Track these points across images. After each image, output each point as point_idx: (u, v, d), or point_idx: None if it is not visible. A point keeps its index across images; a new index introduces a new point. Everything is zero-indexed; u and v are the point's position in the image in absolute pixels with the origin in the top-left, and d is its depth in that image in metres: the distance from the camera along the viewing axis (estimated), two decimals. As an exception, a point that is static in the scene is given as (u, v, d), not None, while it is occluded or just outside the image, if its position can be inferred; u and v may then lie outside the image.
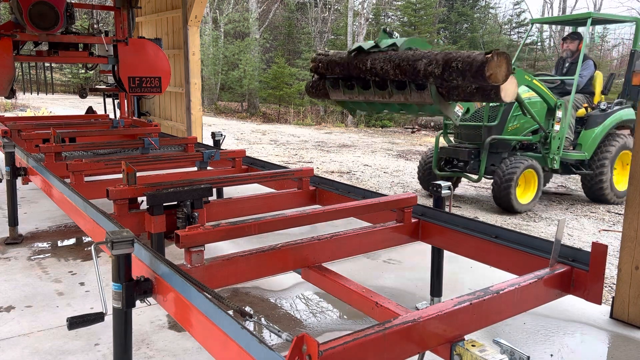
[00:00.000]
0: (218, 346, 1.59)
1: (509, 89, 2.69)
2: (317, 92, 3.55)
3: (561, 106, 6.54)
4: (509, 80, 2.61)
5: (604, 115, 7.14)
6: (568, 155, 6.90)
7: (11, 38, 5.89)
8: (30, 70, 7.30)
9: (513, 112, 6.70)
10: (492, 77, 2.46)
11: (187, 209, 2.94)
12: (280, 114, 22.70)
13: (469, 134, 6.99)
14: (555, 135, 6.61)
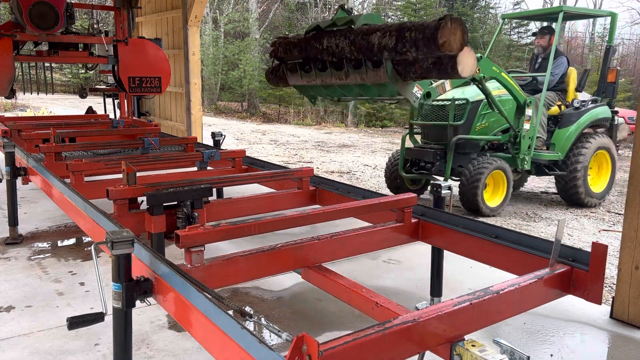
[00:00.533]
0: (218, 346, 1.58)
1: (466, 62, 2.56)
2: (276, 78, 3.50)
3: (531, 104, 6.28)
4: (467, 54, 2.51)
5: (578, 113, 6.87)
6: (540, 155, 6.63)
7: (11, 38, 5.89)
8: (30, 70, 7.30)
9: (481, 110, 6.45)
10: (446, 44, 2.37)
11: (187, 209, 2.94)
12: (280, 114, 22.70)
13: (435, 134, 6.69)
14: (525, 135, 6.34)
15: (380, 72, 2.77)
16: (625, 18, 58.46)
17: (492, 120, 6.55)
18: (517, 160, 6.44)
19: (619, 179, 9.46)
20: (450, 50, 2.43)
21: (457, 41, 2.40)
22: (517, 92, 6.13)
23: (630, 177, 3.15)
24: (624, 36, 35.05)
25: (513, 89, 6.08)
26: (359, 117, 20.48)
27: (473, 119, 6.45)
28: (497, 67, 5.82)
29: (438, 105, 6.54)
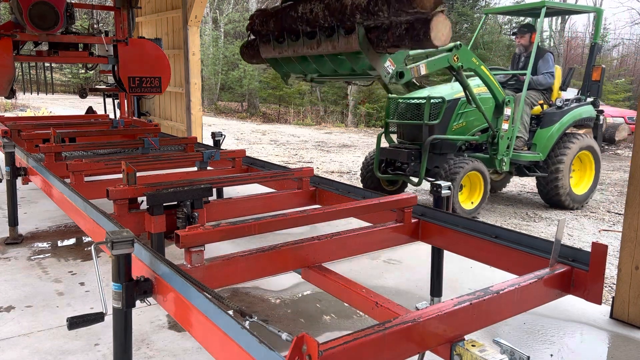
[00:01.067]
0: (218, 346, 1.59)
1: (440, 29, 2.49)
2: (250, 53, 3.46)
3: (509, 103, 6.00)
4: (441, 20, 2.44)
5: (560, 112, 6.63)
6: (520, 156, 6.37)
7: (11, 38, 5.89)
8: (30, 70, 7.30)
9: (458, 109, 6.22)
10: (418, 1, 2.31)
11: (187, 209, 2.94)
12: (280, 114, 22.70)
13: (411, 133, 6.42)
14: (503, 135, 6.06)
15: (352, 39, 2.70)
16: (625, 18, 58.52)
17: (470, 120, 6.33)
18: (494, 161, 6.18)
19: (618, 179, 9.45)
20: (423, 8, 2.35)
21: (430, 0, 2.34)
22: (497, 89, 5.88)
23: (630, 177, 3.15)
24: (624, 36, 35.05)
25: (492, 86, 5.82)
26: (358, 117, 20.47)
27: (450, 118, 6.22)
28: (477, 59, 5.59)
29: (413, 103, 6.31)
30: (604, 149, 7.35)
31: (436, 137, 6.07)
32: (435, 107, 6.17)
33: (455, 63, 5.33)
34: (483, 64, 5.66)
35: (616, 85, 20.73)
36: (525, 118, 6.47)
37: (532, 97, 6.60)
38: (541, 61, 6.66)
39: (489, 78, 5.76)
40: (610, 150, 13.94)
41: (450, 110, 6.19)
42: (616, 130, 14.35)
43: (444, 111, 6.12)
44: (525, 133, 6.49)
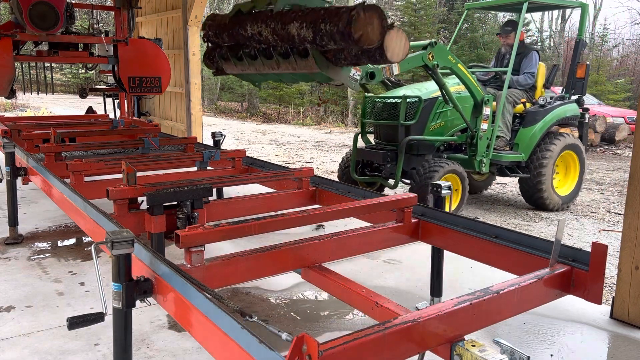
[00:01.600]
0: (218, 346, 1.59)
1: (395, 46, 2.41)
2: (212, 64, 3.41)
3: (489, 102, 5.77)
4: (394, 38, 2.36)
5: (543, 111, 6.39)
6: (502, 156, 6.14)
7: (11, 38, 5.89)
8: (30, 70, 7.30)
9: (436, 108, 6.00)
10: (364, 38, 2.22)
11: (187, 209, 2.94)
12: (280, 114, 22.70)
13: (387, 134, 6.18)
14: (482, 135, 5.84)
15: (309, 62, 2.66)
16: (625, 18, 58.51)
17: (448, 120, 6.11)
18: (473, 162, 5.96)
19: (619, 179, 9.46)
20: (370, 43, 2.28)
21: (375, 32, 2.26)
22: (475, 88, 5.66)
23: (630, 177, 3.15)
24: (624, 36, 35.07)
25: (470, 84, 5.61)
26: (359, 117, 20.47)
27: (427, 118, 6.00)
28: (453, 57, 5.37)
29: (389, 102, 6.09)
30: (589, 148, 7.12)
31: (412, 138, 5.86)
32: (411, 106, 5.95)
33: (430, 61, 5.16)
34: (460, 62, 5.47)
35: (616, 85, 20.74)
36: (508, 117, 6.28)
37: (515, 96, 6.41)
38: (525, 59, 6.47)
39: (467, 76, 5.58)
40: (610, 150, 13.95)
41: (427, 109, 5.98)
42: (616, 130, 14.37)
43: (421, 111, 5.91)
44: (507, 132, 6.31)
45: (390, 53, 2.42)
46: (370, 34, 2.24)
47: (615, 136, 14.39)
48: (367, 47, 2.31)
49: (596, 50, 25.11)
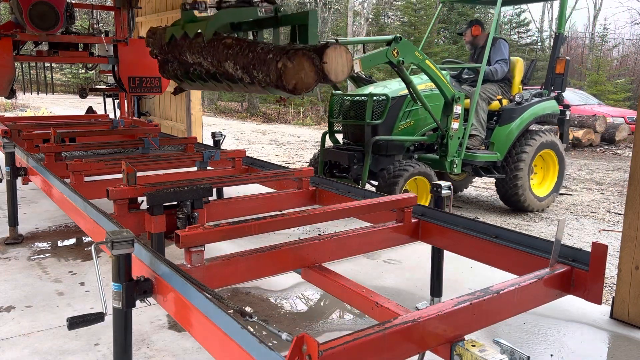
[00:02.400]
0: (218, 346, 1.59)
1: (335, 68, 2.36)
2: (167, 75, 3.41)
3: (459, 99, 5.48)
4: (333, 59, 2.32)
5: (520, 109, 6.11)
6: (476, 156, 5.87)
7: (11, 38, 5.89)
8: (30, 70, 7.31)
9: (405, 107, 5.73)
10: (299, 85, 2.21)
11: (187, 209, 2.94)
12: (280, 114, 22.70)
13: (355, 134, 5.91)
14: (453, 135, 5.57)
15: (258, 87, 2.67)
16: (625, 18, 58.50)
17: (419, 119, 5.84)
18: (444, 162, 5.71)
19: (619, 179, 9.46)
20: (307, 87, 2.25)
21: (309, 75, 2.23)
22: (445, 85, 5.41)
23: (630, 177, 3.15)
24: (624, 36, 35.06)
25: (440, 81, 5.35)
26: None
27: (395, 117, 5.72)
28: (420, 53, 5.12)
29: (356, 100, 5.81)
30: (569, 147, 6.83)
31: (379, 138, 5.57)
32: (378, 104, 5.66)
33: (394, 58, 4.92)
34: (428, 58, 5.25)
35: (616, 85, 20.74)
36: (482, 115, 6.02)
37: (489, 92, 6.16)
38: (493, 49, 6.20)
39: (436, 73, 5.32)
40: (610, 150, 13.95)
41: (395, 108, 5.71)
42: (616, 130, 14.38)
43: (389, 109, 5.63)
44: (482, 131, 6.06)
45: (335, 75, 2.40)
46: (304, 79, 2.22)
47: (615, 136, 14.40)
48: (304, 92, 2.30)
49: (596, 50, 25.10)
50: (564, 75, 6.42)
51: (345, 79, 2.61)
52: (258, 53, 2.42)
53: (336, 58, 2.38)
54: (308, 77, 2.24)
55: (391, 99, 5.64)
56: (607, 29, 27.94)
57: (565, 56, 6.48)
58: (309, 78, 2.25)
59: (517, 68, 6.41)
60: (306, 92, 2.33)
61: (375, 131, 5.65)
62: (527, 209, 6.31)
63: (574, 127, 14.19)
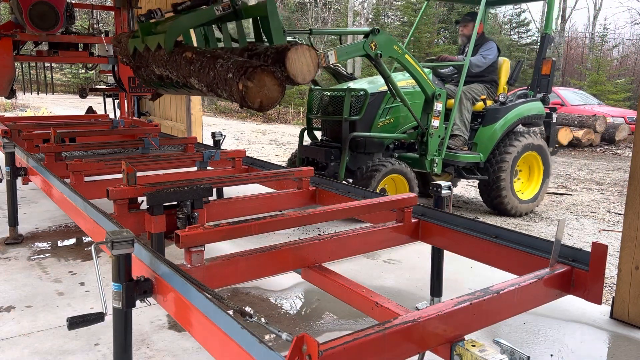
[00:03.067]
0: (218, 346, 1.59)
1: (300, 69, 2.36)
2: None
3: (440, 97, 5.32)
4: (295, 61, 2.33)
5: (504, 109, 5.94)
6: (457, 156, 5.71)
7: (11, 38, 5.89)
8: (30, 70, 7.31)
9: (384, 104, 5.54)
10: (264, 102, 2.24)
11: (187, 209, 2.94)
12: (280, 114, 22.70)
13: (332, 130, 5.72)
14: (433, 133, 5.40)
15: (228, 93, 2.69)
16: (625, 18, 58.53)
17: (399, 116, 5.66)
18: (424, 162, 5.52)
19: (619, 179, 9.46)
20: (273, 102, 2.27)
21: (272, 89, 2.25)
22: (425, 82, 5.24)
23: (630, 177, 3.15)
24: (624, 36, 35.08)
25: (420, 77, 5.17)
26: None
27: (374, 113, 5.52)
28: (399, 47, 4.94)
29: (334, 96, 5.64)
30: (555, 151, 6.63)
31: (356, 134, 5.38)
32: (357, 100, 5.46)
33: (372, 51, 4.73)
34: (408, 53, 5.04)
35: (616, 85, 20.74)
36: (466, 115, 5.87)
37: (474, 92, 6.00)
38: (482, 47, 6.10)
39: (416, 69, 5.13)
40: (610, 150, 13.95)
41: (374, 104, 5.51)
42: (616, 130, 14.38)
43: (367, 105, 5.44)
44: (466, 132, 5.91)
45: (301, 77, 2.40)
46: (268, 94, 2.22)
47: (615, 136, 14.40)
48: (272, 106, 2.31)
49: (596, 50, 25.11)
50: (550, 77, 6.29)
51: (313, 77, 2.60)
52: (218, 71, 2.42)
53: (299, 59, 2.36)
54: (272, 92, 2.23)
55: (370, 95, 5.47)
56: (607, 29, 27.96)
57: (552, 57, 6.40)
58: (273, 92, 2.24)
59: (503, 69, 6.28)
60: (273, 106, 2.33)
61: (353, 127, 5.48)
62: (510, 213, 6.13)
63: (574, 127, 14.20)
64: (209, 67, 2.53)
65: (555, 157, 12.43)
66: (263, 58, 2.63)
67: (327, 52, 4.38)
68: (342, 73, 6.23)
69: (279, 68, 2.39)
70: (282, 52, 2.35)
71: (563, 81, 25.19)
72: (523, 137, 6.05)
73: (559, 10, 29.08)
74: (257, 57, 2.68)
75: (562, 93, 16.22)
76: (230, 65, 2.39)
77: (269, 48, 2.67)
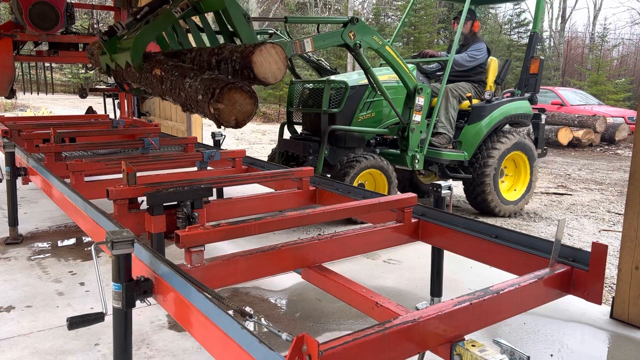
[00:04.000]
0: (218, 346, 1.59)
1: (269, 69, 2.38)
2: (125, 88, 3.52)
3: (422, 90, 5.18)
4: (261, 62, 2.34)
5: (489, 107, 5.78)
6: (441, 154, 5.58)
7: (11, 38, 5.90)
8: (30, 70, 7.31)
9: (365, 97, 5.41)
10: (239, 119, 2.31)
11: (187, 209, 2.94)
12: (280, 114, 22.69)
13: (312, 123, 5.59)
14: (414, 128, 5.23)
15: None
16: (625, 18, 58.54)
17: (380, 111, 5.53)
18: (405, 158, 5.36)
19: (619, 179, 9.46)
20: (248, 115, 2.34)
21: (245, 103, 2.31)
22: (407, 75, 5.10)
23: (630, 177, 3.15)
24: (624, 36, 35.08)
25: (401, 70, 5.04)
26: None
27: (355, 107, 5.40)
28: (379, 38, 4.79)
29: (314, 88, 5.52)
30: (544, 152, 6.43)
31: (335, 127, 5.25)
32: (337, 93, 5.34)
33: (350, 40, 4.58)
34: (389, 44, 4.88)
35: (616, 85, 20.75)
36: (452, 113, 5.75)
37: (460, 89, 5.87)
38: (471, 46, 6.02)
39: (397, 61, 4.96)
40: (611, 150, 13.95)
41: (355, 98, 5.38)
42: (616, 130, 14.39)
43: (347, 99, 5.31)
44: (451, 130, 5.78)
45: (272, 77, 2.44)
46: (242, 109, 2.28)
47: (615, 136, 14.41)
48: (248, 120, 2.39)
49: (596, 50, 25.12)
50: (538, 76, 6.16)
51: (284, 73, 2.60)
52: (188, 92, 2.43)
53: (266, 59, 2.36)
54: (245, 106, 2.26)
55: (350, 88, 5.34)
56: (607, 29, 27.95)
57: (540, 56, 6.28)
58: (246, 107, 2.27)
59: (491, 67, 6.15)
60: (250, 118, 2.36)
61: (332, 121, 5.33)
62: (495, 213, 5.96)
63: (574, 127, 14.21)
64: (178, 87, 2.54)
65: (557, 157, 12.43)
66: (231, 64, 2.65)
67: (302, 40, 4.27)
68: (325, 67, 6.14)
69: (247, 73, 2.40)
70: (247, 57, 2.34)
71: (563, 81, 25.21)
72: (509, 136, 5.93)
73: (559, 10, 29.09)
74: (224, 62, 2.70)
75: (562, 93, 16.23)
76: (198, 86, 2.39)
77: (234, 52, 2.67)
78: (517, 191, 6.22)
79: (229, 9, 3.17)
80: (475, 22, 6.08)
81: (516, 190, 6.23)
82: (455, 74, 5.93)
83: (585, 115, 14.36)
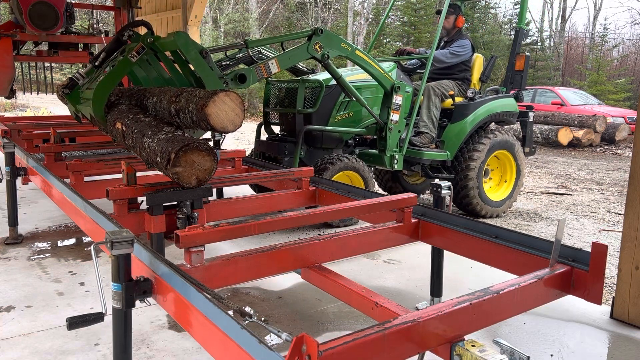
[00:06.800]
0: (218, 346, 1.58)
1: (228, 117, 2.41)
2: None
3: (399, 89, 5.06)
4: (216, 114, 2.39)
5: (473, 105, 5.64)
6: (422, 153, 5.45)
7: (11, 38, 5.90)
8: (30, 70, 7.31)
9: (342, 97, 5.28)
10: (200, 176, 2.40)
11: (187, 209, 2.94)
12: (280, 114, 22.70)
13: (288, 124, 5.45)
14: (392, 127, 5.12)
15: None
16: (625, 18, 58.57)
17: (358, 111, 5.42)
18: (384, 158, 5.23)
19: (619, 179, 9.46)
20: (209, 172, 2.40)
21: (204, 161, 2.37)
22: (381, 75, 4.98)
23: (631, 177, 3.15)
24: (624, 36, 35.09)
25: (375, 71, 4.92)
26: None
27: (331, 107, 5.27)
28: (347, 44, 4.65)
29: (289, 88, 5.40)
30: (533, 151, 6.27)
31: (311, 127, 5.13)
32: (312, 92, 5.21)
33: (317, 53, 4.47)
34: (358, 48, 4.75)
35: (616, 85, 20.75)
36: (434, 112, 5.62)
37: (443, 87, 5.73)
38: (454, 43, 5.87)
39: (369, 63, 4.86)
40: (611, 150, 13.95)
41: (331, 97, 5.25)
42: (616, 130, 14.38)
43: (323, 98, 5.17)
44: (433, 129, 5.65)
45: (232, 126, 2.47)
46: (202, 167, 2.32)
47: (615, 136, 14.41)
48: (209, 176, 2.45)
49: (596, 50, 25.12)
50: (523, 72, 5.98)
51: (243, 118, 2.64)
52: (147, 152, 2.50)
53: (222, 108, 2.37)
54: (204, 164, 2.29)
55: (325, 87, 5.19)
56: (607, 29, 27.96)
57: (525, 52, 6.12)
58: (205, 164, 2.30)
59: (476, 65, 5.98)
60: (212, 174, 2.37)
61: (308, 121, 5.20)
62: (480, 214, 5.80)
63: (574, 127, 14.21)
64: (139, 146, 2.60)
65: (557, 157, 12.43)
66: (189, 114, 2.71)
67: (267, 63, 4.21)
68: (301, 69, 6.03)
69: (205, 125, 2.44)
70: (201, 110, 2.38)
71: (563, 81, 25.21)
72: (493, 135, 5.77)
73: (559, 10, 29.09)
74: (182, 112, 2.77)
75: (562, 93, 16.23)
76: (156, 147, 2.42)
77: (190, 102, 2.72)
78: (503, 191, 6.09)
79: (182, 50, 3.20)
80: (459, 17, 5.92)
81: (502, 190, 6.11)
82: (438, 72, 5.81)
83: (586, 115, 14.36)
